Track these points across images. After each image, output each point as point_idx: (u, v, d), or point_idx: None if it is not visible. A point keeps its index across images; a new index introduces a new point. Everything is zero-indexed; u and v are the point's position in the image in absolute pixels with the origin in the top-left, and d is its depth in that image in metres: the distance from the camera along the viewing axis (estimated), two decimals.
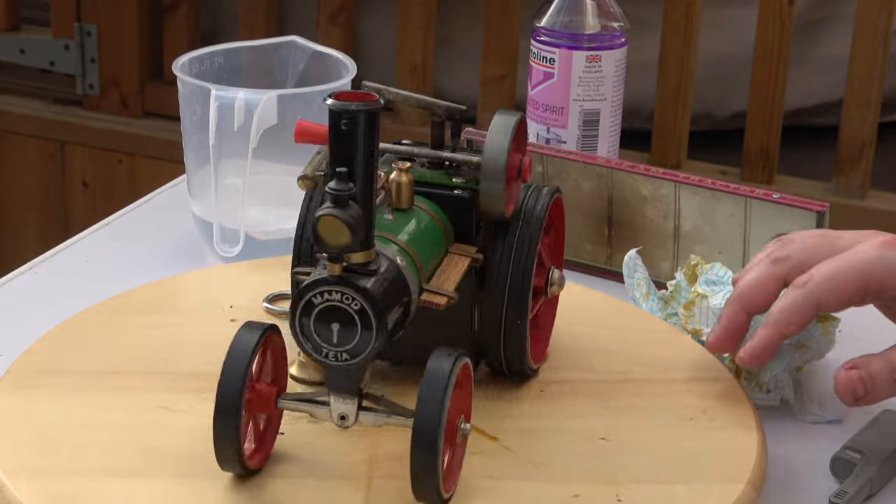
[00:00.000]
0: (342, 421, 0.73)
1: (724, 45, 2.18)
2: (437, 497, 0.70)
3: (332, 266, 0.69)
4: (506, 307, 0.81)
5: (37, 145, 2.40)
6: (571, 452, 0.78)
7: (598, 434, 0.79)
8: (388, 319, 0.70)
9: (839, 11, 2.18)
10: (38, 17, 2.48)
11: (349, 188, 0.68)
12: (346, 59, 1.06)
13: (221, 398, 0.72)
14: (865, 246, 0.81)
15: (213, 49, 1.08)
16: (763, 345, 0.82)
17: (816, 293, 0.80)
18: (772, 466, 0.81)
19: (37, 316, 0.94)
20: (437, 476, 0.69)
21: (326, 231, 0.68)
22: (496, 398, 0.83)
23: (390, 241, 0.75)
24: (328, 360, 0.71)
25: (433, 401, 0.69)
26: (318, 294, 0.70)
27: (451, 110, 0.82)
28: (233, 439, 0.72)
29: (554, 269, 0.85)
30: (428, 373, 0.70)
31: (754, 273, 0.84)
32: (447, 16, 2.24)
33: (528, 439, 0.79)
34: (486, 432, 0.79)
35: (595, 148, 1.12)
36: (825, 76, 2.20)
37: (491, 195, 0.79)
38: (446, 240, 0.80)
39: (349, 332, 0.70)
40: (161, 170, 2.20)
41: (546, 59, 1.11)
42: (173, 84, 1.08)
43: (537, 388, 0.84)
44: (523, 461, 0.77)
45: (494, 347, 0.82)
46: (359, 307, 0.69)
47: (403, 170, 0.78)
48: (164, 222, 1.13)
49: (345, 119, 0.68)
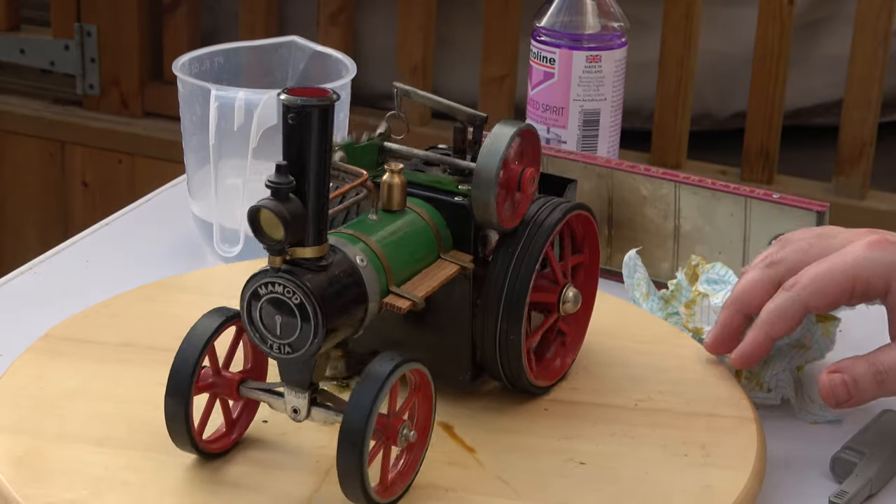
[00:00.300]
0: (295, 414, 0.74)
1: (724, 45, 2.18)
2: (364, 499, 0.70)
3: (272, 258, 0.70)
4: (500, 321, 0.80)
5: (37, 145, 2.40)
6: (543, 473, 0.77)
7: (580, 458, 0.78)
8: (330, 316, 0.70)
9: (839, 11, 2.18)
10: (38, 17, 2.48)
11: (288, 181, 0.68)
12: (346, 59, 1.06)
13: (172, 380, 0.73)
14: (854, 247, 0.82)
15: (213, 49, 1.08)
16: (752, 347, 0.83)
17: (803, 296, 0.82)
18: (772, 466, 0.81)
19: (37, 316, 0.94)
20: (363, 477, 0.69)
21: (264, 223, 0.69)
22: (494, 411, 0.82)
23: (359, 240, 0.74)
24: (272, 352, 0.71)
25: (362, 403, 0.69)
26: (263, 285, 0.70)
27: (472, 117, 0.81)
28: (182, 420, 0.74)
29: (569, 286, 0.83)
30: (363, 375, 0.70)
31: (749, 276, 0.85)
32: (447, 16, 2.24)
33: (505, 455, 0.78)
34: (465, 443, 0.79)
35: (595, 148, 1.12)
36: (825, 76, 2.20)
37: (481, 204, 0.78)
38: (439, 245, 0.79)
39: (291, 325, 0.70)
40: (161, 170, 2.20)
41: (546, 59, 1.11)
42: (173, 84, 1.08)
43: (542, 406, 0.83)
44: (491, 476, 0.76)
45: (492, 361, 0.81)
46: (298, 301, 0.70)
47: (395, 171, 0.78)
48: (164, 222, 1.13)
49: (292, 114, 0.69)
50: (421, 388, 0.74)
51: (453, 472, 0.76)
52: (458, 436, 0.80)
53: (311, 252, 0.70)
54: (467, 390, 0.83)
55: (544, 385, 0.84)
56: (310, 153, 0.69)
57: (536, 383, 0.83)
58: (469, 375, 0.82)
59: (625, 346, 0.90)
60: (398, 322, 0.82)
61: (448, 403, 0.82)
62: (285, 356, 0.71)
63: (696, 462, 0.78)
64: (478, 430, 0.80)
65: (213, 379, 0.76)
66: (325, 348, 0.71)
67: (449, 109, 0.82)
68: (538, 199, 0.82)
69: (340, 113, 1.04)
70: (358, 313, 0.73)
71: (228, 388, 0.76)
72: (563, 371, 0.86)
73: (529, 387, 0.83)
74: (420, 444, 0.74)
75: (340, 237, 0.74)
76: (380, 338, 0.83)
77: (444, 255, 0.79)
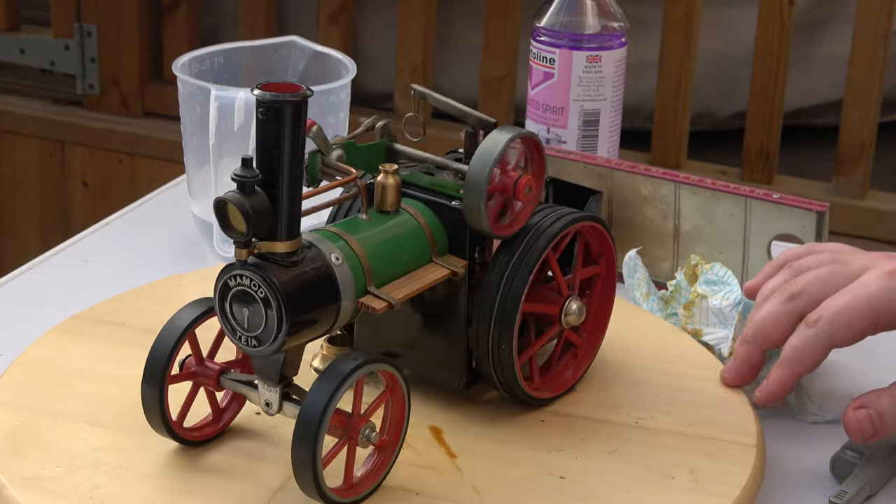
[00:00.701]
0: (267, 408, 0.74)
1: (724, 45, 2.18)
2: (318, 495, 0.70)
3: (238, 251, 0.70)
4: (492, 329, 0.78)
5: (37, 145, 2.40)
6: (518, 485, 0.76)
7: (561, 473, 0.77)
8: (295, 312, 0.70)
9: (839, 11, 2.18)
10: (38, 17, 2.48)
11: (253, 175, 0.68)
12: (346, 59, 1.06)
13: (148, 367, 0.75)
14: (874, 276, 0.81)
15: (213, 49, 1.08)
16: (779, 385, 0.82)
17: (829, 331, 0.80)
18: (772, 466, 0.81)
19: (37, 316, 0.94)
20: (316, 471, 0.69)
21: (231, 216, 0.69)
22: (488, 419, 0.82)
23: (341, 238, 0.74)
24: (241, 344, 0.72)
25: (319, 397, 0.69)
26: (232, 277, 0.71)
27: (481, 121, 0.81)
28: (157, 407, 0.75)
29: (573, 298, 0.82)
30: (324, 371, 0.70)
31: (768, 309, 0.83)
32: (447, 16, 2.24)
33: (485, 464, 0.77)
34: (449, 448, 0.79)
35: (595, 148, 1.12)
36: (825, 76, 2.20)
37: (471, 209, 0.77)
38: (432, 249, 0.78)
39: (257, 319, 0.70)
40: (161, 170, 2.20)
41: (546, 59, 1.11)
42: (173, 84, 1.08)
43: (539, 417, 0.82)
44: (465, 484, 0.75)
45: (487, 370, 0.80)
46: (264, 295, 0.70)
47: (390, 172, 0.78)
48: (164, 222, 1.13)
49: (262, 108, 0.69)
50: (393, 390, 0.73)
51: (428, 477, 0.76)
52: (444, 440, 0.79)
53: (282, 247, 0.70)
54: (466, 396, 0.83)
55: (546, 397, 0.83)
56: (282, 149, 0.69)
57: (536, 395, 0.82)
58: (464, 382, 0.81)
59: (639, 362, 0.88)
60: (399, 324, 0.81)
61: (444, 408, 0.82)
62: (252, 349, 0.71)
63: (680, 486, 0.76)
64: (466, 437, 0.80)
65: (195, 368, 0.76)
66: (291, 344, 0.71)
67: (461, 113, 0.82)
68: (546, 208, 0.81)
69: (340, 113, 1.04)
70: (328, 311, 0.72)
71: (210, 378, 0.76)
72: (570, 384, 0.84)
73: (526, 398, 0.81)
74: (392, 445, 0.74)
75: (321, 234, 0.74)
76: (382, 339, 0.83)
77: (436, 259, 0.78)
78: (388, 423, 0.74)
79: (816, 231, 0.97)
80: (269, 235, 0.70)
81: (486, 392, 0.83)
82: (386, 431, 0.74)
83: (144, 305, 0.92)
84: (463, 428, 0.80)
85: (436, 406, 0.82)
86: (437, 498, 0.74)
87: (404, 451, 0.76)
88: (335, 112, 1.03)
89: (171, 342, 0.75)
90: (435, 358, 0.81)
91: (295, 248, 0.71)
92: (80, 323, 0.90)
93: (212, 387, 0.77)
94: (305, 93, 0.69)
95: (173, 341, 0.75)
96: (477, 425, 0.81)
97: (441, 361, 0.81)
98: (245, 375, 0.76)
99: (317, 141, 0.77)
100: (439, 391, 0.83)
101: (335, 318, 0.73)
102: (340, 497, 0.72)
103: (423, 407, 0.82)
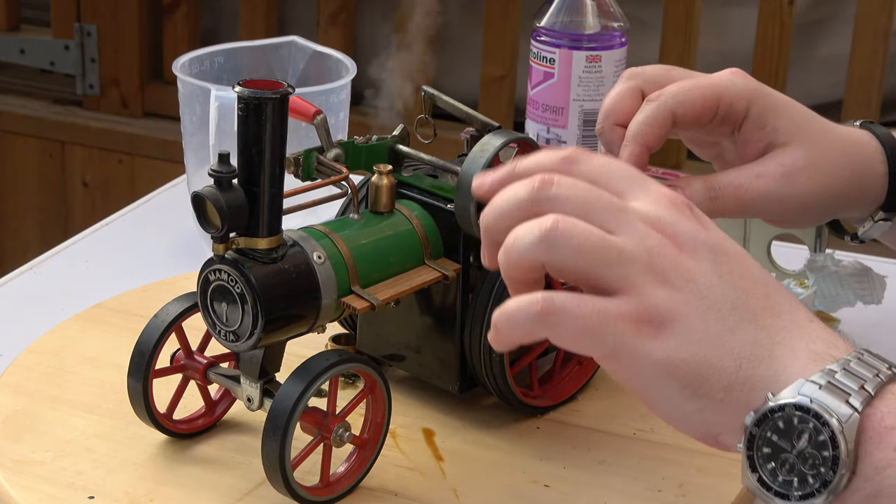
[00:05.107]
0: (249, 403, 0.74)
1: (724, 45, 2.18)
2: (287, 492, 0.71)
3: (215, 246, 0.71)
4: (484, 336, 0.78)
5: (37, 145, 2.40)
6: (499, 491, 0.75)
7: (546, 481, 0.76)
8: (270, 309, 0.70)
9: (839, 11, 2.18)
10: (38, 17, 2.48)
11: (229, 170, 0.69)
12: (346, 59, 1.06)
13: (132, 361, 0.75)
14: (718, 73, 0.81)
15: (213, 49, 1.08)
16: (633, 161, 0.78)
17: (671, 103, 0.80)
18: None
19: (37, 316, 0.94)
20: (284, 467, 0.69)
21: (209, 210, 0.70)
22: (483, 424, 0.81)
23: (326, 237, 0.74)
24: (220, 338, 0.72)
25: (289, 393, 0.69)
26: (212, 272, 0.71)
27: (485, 125, 0.81)
28: (142, 399, 0.75)
29: None
30: (296, 368, 0.70)
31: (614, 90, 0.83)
32: (447, 16, 2.24)
33: (471, 468, 0.77)
34: (438, 451, 0.78)
35: (595, 148, 1.12)
36: (825, 76, 2.20)
37: (462, 212, 0.76)
38: (425, 251, 0.78)
39: (234, 314, 0.71)
40: (161, 170, 2.20)
41: (546, 59, 1.11)
42: (173, 84, 1.08)
43: (535, 424, 0.82)
44: (447, 488, 0.75)
45: (480, 374, 0.80)
46: (240, 290, 0.70)
47: (384, 173, 0.78)
48: (164, 222, 1.13)
49: (241, 105, 0.69)
50: (372, 390, 0.73)
51: (411, 478, 0.76)
52: (435, 443, 0.79)
53: (262, 243, 0.71)
54: (464, 401, 0.83)
55: (544, 405, 0.82)
56: (263, 146, 0.69)
57: (532, 403, 0.81)
58: (457, 387, 0.81)
59: None
60: (400, 326, 0.81)
61: (440, 411, 0.82)
62: (231, 343, 0.72)
63: (667, 500, 0.75)
64: (457, 441, 0.79)
65: (184, 361, 0.77)
66: (268, 340, 0.71)
67: (467, 116, 0.82)
68: None
69: (340, 113, 1.04)
70: (307, 309, 0.72)
71: (198, 372, 0.77)
72: (570, 393, 0.84)
73: (520, 406, 0.81)
74: (372, 445, 0.74)
75: (307, 232, 0.74)
76: (385, 341, 0.83)
77: (428, 262, 0.78)
78: (369, 422, 0.74)
79: (816, 231, 0.97)
80: (250, 231, 0.70)
81: (486, 397, 0.83)
82: (366, 431, 0.74)
83: (169, 298, 0.91)
84: (456, 431, 0.80)
85: (433, 408, 0.82)
86: (416, 500, 0.74)
87: (392, 451, 0.76)
88: (335, 112, 1.03)
89: (155, 336, 0.75)
90: (432, 361, 0.81)
91: (275, 245, 0.71)
92: (101, 312, 0.91)
93: (199, 380, 0.77)
94: (286, 90, 0.69)
95: (157, 335, 0.75)
96: (470, 430, 0.81)
97: (438, 365, 0.81)
98: (232, 370, 0.76)
99: (319, 130, 0.77)
100: (438, 394, 0.83)
101: (316, 317, 0.73)
102: (312, 495, 0.72)
103: (420, 409, 0.82)
